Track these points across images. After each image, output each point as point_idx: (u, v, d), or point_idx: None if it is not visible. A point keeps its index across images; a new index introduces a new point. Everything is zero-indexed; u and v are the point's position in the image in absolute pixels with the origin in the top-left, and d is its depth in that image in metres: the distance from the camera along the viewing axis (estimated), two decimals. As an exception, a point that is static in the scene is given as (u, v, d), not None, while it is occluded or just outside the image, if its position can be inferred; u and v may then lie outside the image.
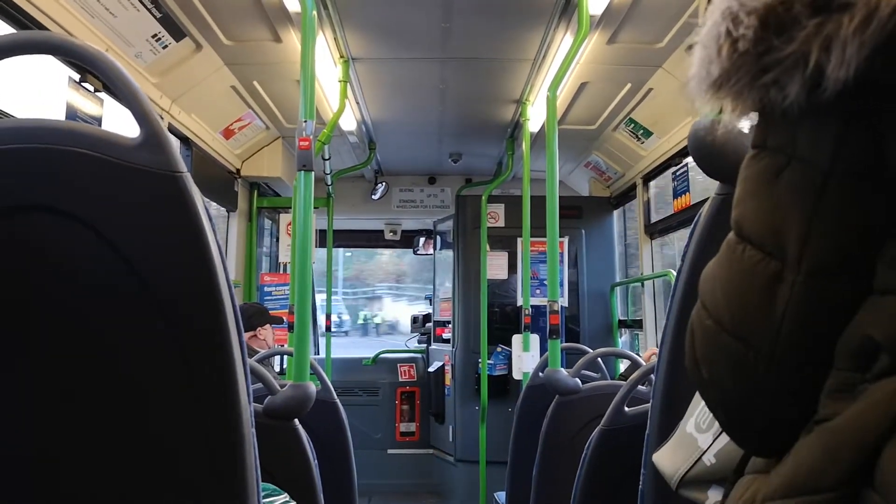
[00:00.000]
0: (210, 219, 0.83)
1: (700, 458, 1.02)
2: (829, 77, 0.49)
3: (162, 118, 2.53)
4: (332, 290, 5.16)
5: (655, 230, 4.09)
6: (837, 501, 0.50)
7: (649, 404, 1.27)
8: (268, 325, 3.66)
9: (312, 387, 1.68)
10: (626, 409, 1.76)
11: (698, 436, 1.03)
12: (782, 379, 0.56)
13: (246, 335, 3.13)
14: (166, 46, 2.78)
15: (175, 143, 0.84)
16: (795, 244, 0.53)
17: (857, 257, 0.53)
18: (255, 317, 3.63)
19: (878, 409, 0.49)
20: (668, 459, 1.07)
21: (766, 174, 0.56)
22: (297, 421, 1.67)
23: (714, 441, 1.02)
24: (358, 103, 3.85)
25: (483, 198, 4.65)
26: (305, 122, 1.93)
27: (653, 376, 1.25)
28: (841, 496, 0.50)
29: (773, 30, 0.51)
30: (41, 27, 2.12)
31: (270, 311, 3.83)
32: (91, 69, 0.83)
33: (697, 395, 1.08)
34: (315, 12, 2.16)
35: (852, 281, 0.53)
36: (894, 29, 0.47)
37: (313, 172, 1.96)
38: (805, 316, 0.54)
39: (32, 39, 0.88)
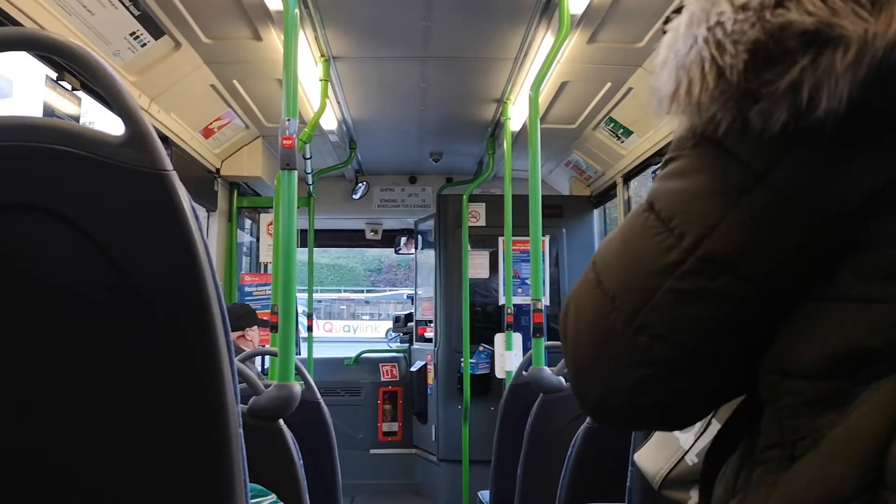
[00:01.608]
0: (197, 218, 0.82)
1: (682, 458, 1.02)
2: (820, 108, 0.49)
3: (141, 117, 2.50)
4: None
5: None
6: None
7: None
8: (255, 327, 3.65)
9: (297, 387, 1.67)
10: (611, 406, 1.77)
11: (680, 435, 1.03)
12: (632, 345, 0.56)
13: (233, 335, 3.11)
14: (145, 44, 2.75)
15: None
16: (698, 230, 0.54)
17: (763, 267, 0.54)
18: (243, 317, 3.61)
19: (884, 408, 0.49)
20: (650, 459, 1.08)
21: (699, 162, 0.56)
22: (281, 421, 1.66)
23: (696, 441, 1.03)
24: (339, 102, 3.84)
25: (464, 197, 4.65)
26: (289, 120, 1.91)
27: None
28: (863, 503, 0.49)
29: (762, 62, 0.50)
30: (16, 24, 2.09)
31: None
32: (73, 66, 0.81)
33: None
34: (297, 10, 2.15)
35: (740, 285, 0.54)
36: (888, 63, 0.47)
37: (297, 171, 1.95)
38: (678, 297, 0.55)
39: (10, 35, 0.87)
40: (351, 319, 24.61)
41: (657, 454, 1.06)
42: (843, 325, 0.53)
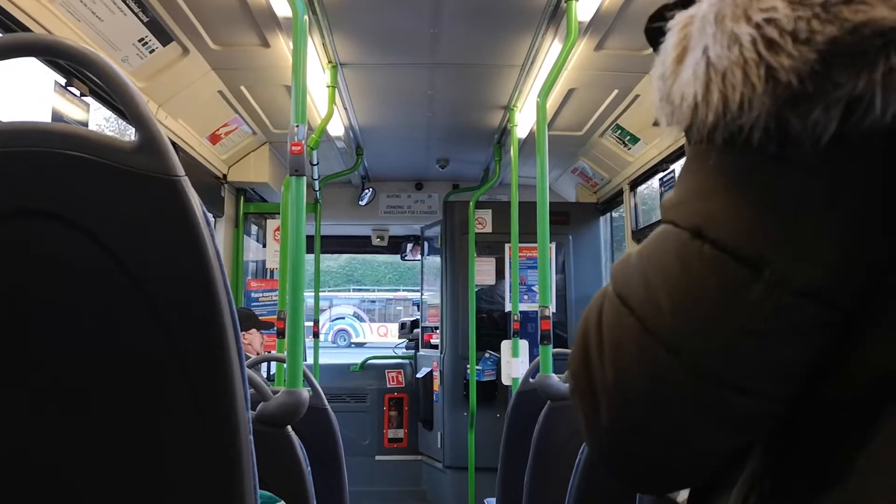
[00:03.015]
0: (208, 223, 0.82)
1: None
2: (887, 115, 0.43)
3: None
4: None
5: (643, 236, 4.11)
6: None
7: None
8: (254, 330, 3.64)
9: (305, 393, 1.67)
10: (619, 413, 1.76)
11: None
12: (700, 396, 0.48)
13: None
14: (153, 51, 2.76)
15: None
16: (783, 258, 0.46)
17: (845, 286, 0.47)
18: (243, 320, 3.61)
19: None
20: None
21: (752, 176, 0.48)
22: (289, 427, 1.65)
23: None
24: (346, 109, 3.84)
25: (470, 204, 4.65)
26: (297, 126, 1.92)
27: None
28: None
29: (833, 64, 0.44)
30: (25, 29, 2.10)
31: (259, 318, 3.82)
32: (87, 72, 0.82)
33: None
34: (306, 17, 2.15)
35: (829, 313, 0.46)
36: None
37: (305, 177, 1.95)
38: (761, 339, 0.47)
39: (25, 41, 0.87)
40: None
41: None
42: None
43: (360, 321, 20.97)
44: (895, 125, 0.44)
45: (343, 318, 20.94)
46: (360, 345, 19.13)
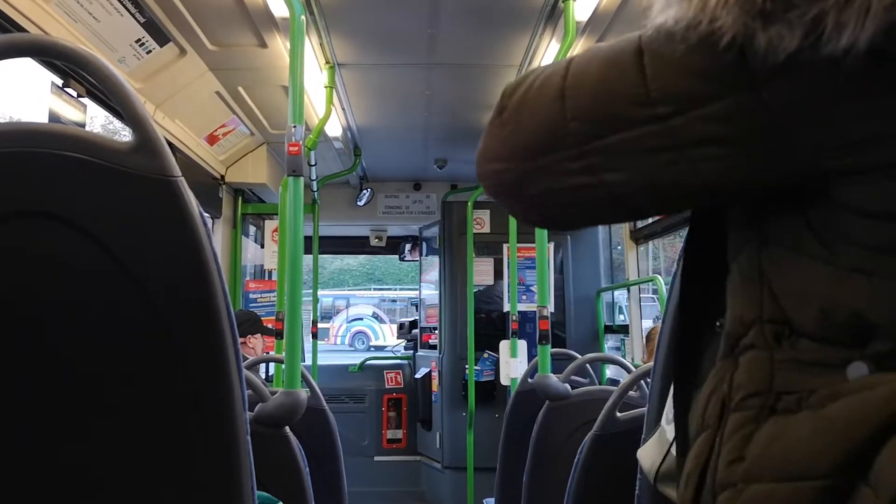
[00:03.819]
0: (206, 224, 0.82)
1: (669, 449, 1.01)
2: (840, 44, 0.48)
3: (147, 124, 2.50)
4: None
5: (641, 235, 4.11)
6: (828, 489, 0.50)
7: (641, 409, 1.27)
8: (258, 335, 3.64)
9: (304, 394, 1.67)
10: (618, 414, 1.76)
11: (667, 427, 1.02)
12: (571, 163, 0.59)
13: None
14: (150, 51, 2.75)
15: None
16: (676, 106, 0.55)
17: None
18: (245, 324, 3.60)
19: (879, 405, 0.49)
20: (648, 456, 1.07)
21: (704, 41, 0.54)
22: (287, 428, 1.65)
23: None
24: (343, 109, 3.84)
25: (469, 204, 4.65)
26: (295, 127, 1.91)
27: (648, 380, 1.25)
28: (832, 484, 0.50)
29: None
30: (21, 30, 2.09)
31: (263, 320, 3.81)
32: (84, 72, 0.81)
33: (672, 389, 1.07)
34: (303, 17, 2.15)
35: (690, 168, 0.55)
36: None
37: (303, 178, 1.94)
38: (631, 147, 0.56)
39: (22, 42, 0.87)
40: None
41: (652, 449, 1.05)
42: (845, 291, 0.53)
43: (379, 322, 19.19)
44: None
45: (361, 318, 19.37)
46: (380, 348, 16.64)
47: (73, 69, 2.35)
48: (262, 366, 4.21)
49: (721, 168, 0.55)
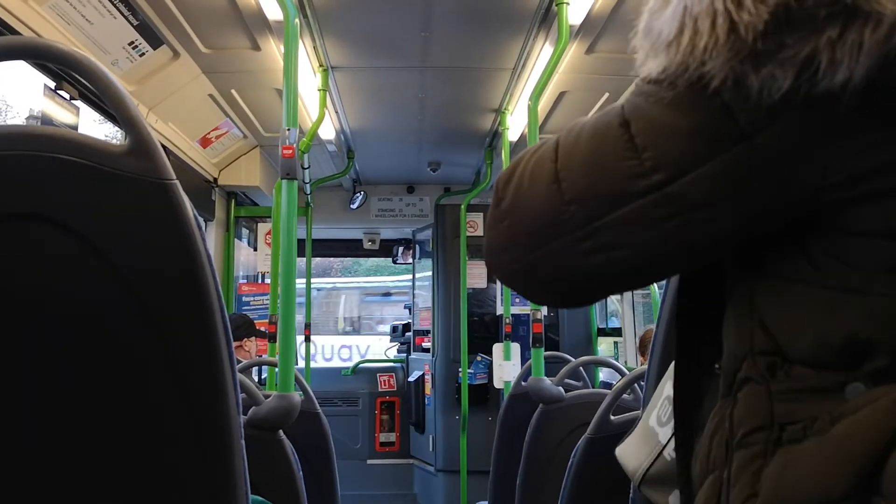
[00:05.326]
0: (200, 227, 0.82)
1: (661, 452, 1.01)
2: (835, 80, 0.48)
3: (140, 126, 2.49)
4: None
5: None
6: None
7: (635, 412, 1.27)
8: (253, 338, 3.63)
9: (297, 397, 1.66)
10: (612, 417, 1.76)
11: (659, 430, 1.02)
12: (578, 245, 0.59)
13: (228, 346, 3.08)
14: (143, 54, 2.75)
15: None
16: (670, 172, 0.54)
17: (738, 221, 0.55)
18: (241, 328, 3.59)
19: (884, 417, 0.49)
20: (632, 455, 1.06)
21: (689, 101, 0.54)
22: (281, 432, 1.65)
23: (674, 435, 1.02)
24: (337, 112, 3.84)
25: (462, 207, 4.65)
26: (289, 130, 1.91)
27: (642, 383, 1.26)
28: None
29: (784, 26, 0.49)
30: (14, 33, 2.09)
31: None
32: (77, 75, 0.81)
33: (659, 388, 1.07)
34: (297, 20, 2.15)
35: (695, 230, 0.55)
36: None
37: (296, 181, 1.94)
38: (634, 222, 0.56)
39: (15, 44, 0.87)
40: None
41: (639, 449, 1.05)
42: (840, 314, 0.53)
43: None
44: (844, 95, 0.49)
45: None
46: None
47: (65, 72, 2.35)
48: (255, 369, 4.20)
49: (727, 224, 0.55)
